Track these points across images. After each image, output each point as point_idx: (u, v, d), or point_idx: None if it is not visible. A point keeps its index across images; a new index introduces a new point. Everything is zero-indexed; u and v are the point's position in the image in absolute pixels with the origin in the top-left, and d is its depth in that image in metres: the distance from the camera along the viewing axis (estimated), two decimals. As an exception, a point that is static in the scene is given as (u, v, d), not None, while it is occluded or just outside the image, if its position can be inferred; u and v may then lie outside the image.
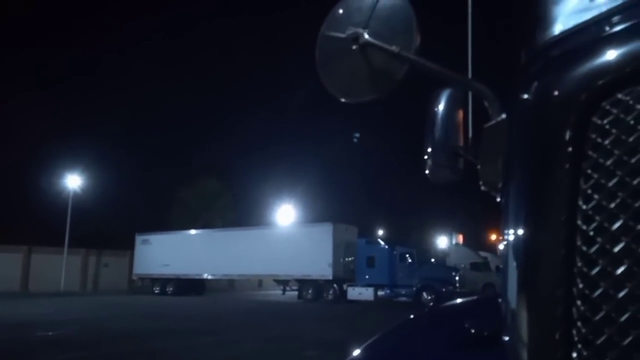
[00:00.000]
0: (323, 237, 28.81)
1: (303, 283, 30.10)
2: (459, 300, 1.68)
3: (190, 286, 34.61)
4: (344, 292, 28.40)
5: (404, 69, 0.96)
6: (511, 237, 0.65)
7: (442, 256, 37.35)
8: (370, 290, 27.03)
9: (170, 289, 34.95)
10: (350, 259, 28.84)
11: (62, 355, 9.83)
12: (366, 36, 0.98)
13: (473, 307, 1.56)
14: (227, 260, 32.00)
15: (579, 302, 0.54)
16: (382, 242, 29.17)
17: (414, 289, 25.78)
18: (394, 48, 0.95)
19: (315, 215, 42.84)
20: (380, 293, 27.01)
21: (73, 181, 40.78)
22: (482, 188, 0.86)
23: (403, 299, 26.29)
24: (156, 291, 35.58)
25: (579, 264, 0.55)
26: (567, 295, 0.55)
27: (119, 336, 12.60)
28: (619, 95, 0.56)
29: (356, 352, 1.34)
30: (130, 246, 39.09)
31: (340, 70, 1.05)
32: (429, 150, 1.13)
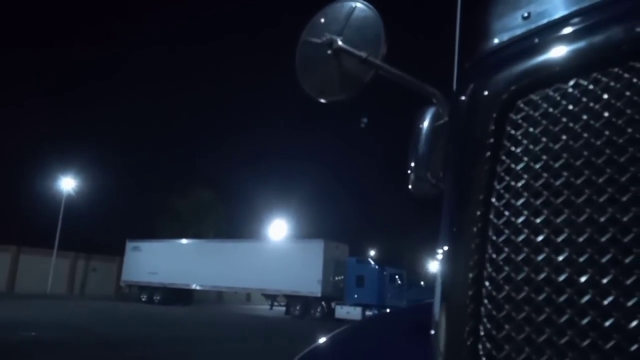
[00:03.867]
0: (313, 254, 28.79)
1: (291, 299, 29.98)
2: (424, 303, 1.78)
3: (178, 296, 34.38)
4: (332, 310, 28.29)
5: (371, 73, 1.08)
6: (442, 224, 0.75)
7: (433, 279, 37.29)
8: (358, 309, 26.94)
9: (158, 297, 34.70)
10: (339, 277, 28.78)
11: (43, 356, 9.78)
12: (339, 42, 1.10)
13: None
14: (217, 272, 31.86)
15: (486, 301, 0.65)
16: (372, 262, 29.17)
17: (402, 310, 25.69)
18: (362, 54, 1.07)
19: (307, 231, 42.84)
20: (368, 313, 26.92)
21: (67, 183, 40.66)
22: (431, 180, 0.97)
23: (390, 320, 26.16)
24: (143, 299, 35.33)
25: (490, 252, 0.65)
26: (477, 294, 0.65)
27: (99, 341, 12.53)
28: (531, 96, 0.67)
29: (321, 340, 1.42)
30: (119, 252, 38.91)
31: (316, 72, 1.16)
32: (412, 165, 1.23)
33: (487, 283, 0.65)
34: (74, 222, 40.18)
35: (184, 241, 36.68)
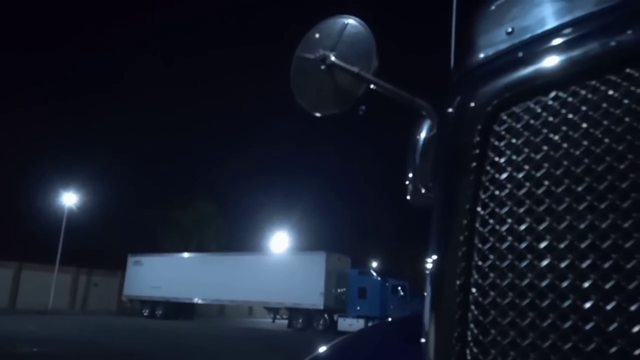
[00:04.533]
0: (316, 266, 28.70)
1: (293, 312, 29.83)
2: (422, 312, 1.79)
3: (180, 310, 34.23)
4: (335, 323, 28.12)
5: (363, 88, 1.11)
6: (431, 233, 0.77)
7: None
8: (361, 322, 26.76)
9: (160, 312, 34.54)
10: (342, 289, 28.65)
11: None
12: (332, 58, 1.13)
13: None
14: (218, 285, 31.74)
15: (473, 307, 0.67)
16: (374, 274, 29.06)
17: (405, 322, 25.50)
18: (355, 69, 1.10)
19: (309, 243, 42.72)
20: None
21: (68, 198, 40.69)
22: (422, 190, 0.99)
23: (393, 332, 25.98)
24: (145, 313, 35.18)
25: (476, 255, 0.67)
26: (465, 300, 0.67)
27: (100, 355, 12.48)
28: (513, 109, 0.70)
29: (320, 350, 1.44)
30: (121, 266, 38.80)
31: (311, 87, 1.20)
32: (410, 176, 1.26)
33: (473, 289, 0.67)
34: (75, 237, 40.14)
35: (186, 255, 36.58)
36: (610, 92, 0.62)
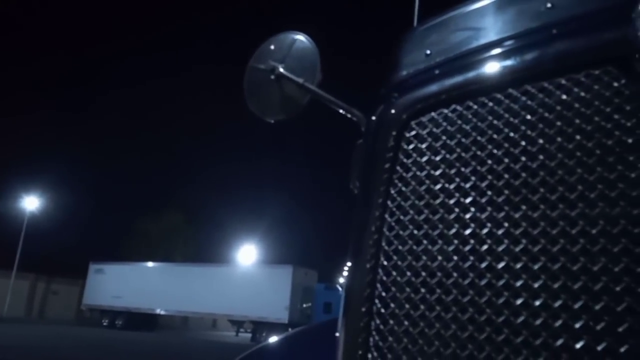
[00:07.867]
0: (282, 280, 28.56)
1: (258, 325, 29.53)
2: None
3: (142, 321, 33.42)
4: (299, 337, 27.95)
5: (307, 97, 1.23)
6: (351, 225, 0.88)
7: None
8: (325, 337, 26.68)
9: (120, 322, 33.66)
10: (307, 304, 28.55)
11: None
12: (281, 69, 1.25)
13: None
14: (182, 296, 31.20)
15: (378, 285, 0.78)
16: (340, 289, 29.07)
17: (369, 338, 25.59)
18: (300, 80, 1.22)
19: (277, 256, 42.60)
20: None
21: (30, 203, 39.57)
22: (354, 190, 1.11)
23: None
24: (105, 323, 34.23)
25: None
26: (373, 280, 0.78)
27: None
28: (421, 118, 0.82)
29: (259, 345, 1.52)
30: (82, 275, 37.75)
31: (261, 95, 1.31)
32: None
33: (380, 270, 0.78)
34: (35, 242, 39.00)
35: (150, 264, 35.85)
36: (495, 108, 0.75)
